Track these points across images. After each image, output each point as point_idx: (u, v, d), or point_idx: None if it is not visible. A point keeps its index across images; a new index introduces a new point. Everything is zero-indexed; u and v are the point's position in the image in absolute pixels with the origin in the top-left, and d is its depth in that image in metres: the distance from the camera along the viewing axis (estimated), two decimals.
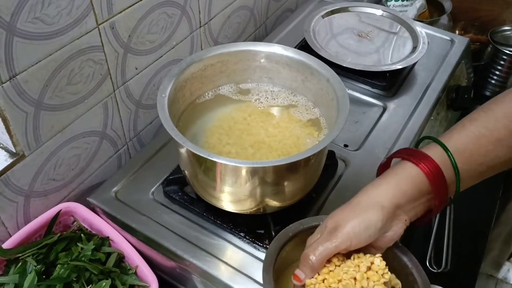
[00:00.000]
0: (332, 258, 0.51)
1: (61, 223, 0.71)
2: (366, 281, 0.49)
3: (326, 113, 0.69)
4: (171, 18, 0.79)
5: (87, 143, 0.74)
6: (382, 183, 0.52)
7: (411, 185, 0.50)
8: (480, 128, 0.51)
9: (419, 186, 0.50)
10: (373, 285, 0.48)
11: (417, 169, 0.51)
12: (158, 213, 0.70)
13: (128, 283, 0.67)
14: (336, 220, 0.50)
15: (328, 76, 0.66)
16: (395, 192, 0.50)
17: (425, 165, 0.50)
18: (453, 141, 0.51)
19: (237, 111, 0.71)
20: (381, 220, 0.49)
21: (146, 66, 0.79)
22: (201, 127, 0.69)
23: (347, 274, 0.49)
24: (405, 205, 0.51)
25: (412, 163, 0.51)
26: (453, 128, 0.54)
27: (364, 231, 0.49)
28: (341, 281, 0.49)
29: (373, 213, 0.49)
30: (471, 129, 0.52)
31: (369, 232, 0.49)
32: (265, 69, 0.73)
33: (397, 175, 0.52)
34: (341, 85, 0.64)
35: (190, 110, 0.70)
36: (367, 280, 0.49)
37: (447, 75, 0.97)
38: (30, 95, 0.60)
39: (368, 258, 0.50)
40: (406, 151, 0.54)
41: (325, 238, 0.50)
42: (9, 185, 0.63)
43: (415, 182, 0.50)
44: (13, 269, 0.64)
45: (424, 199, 0.52)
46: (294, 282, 0.52)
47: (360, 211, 0.50)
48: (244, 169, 0.57)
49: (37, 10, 0.56)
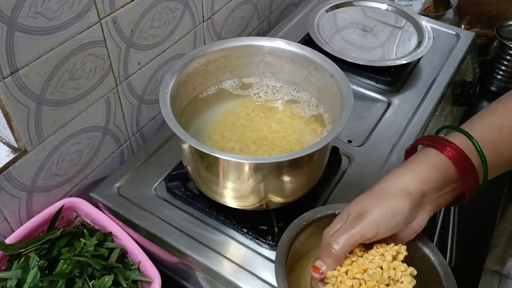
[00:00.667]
0: (354, 249, 0.48)
1: (63, 219, 0.71)
2: (393, 271, 0.46)
3: (330, 109, 0.68)
4: (173, 13, 0.78)
5: (89, 139, 0.73)
6: (407, 171, 0.49)
7: (437, 173, 0.48)
8: (501, 120, 0.50)
9: (445, 173, 0.48)
10: (401, 275, 0.46)
11: (442, 156, 0.48)
12: (161, 208, 0.70)
13: (131, 278, 0.67)
14: (361, 207, 0.48)
15: (332, 71, 0.65)
16: (422, 179, 0.48)
17: (451, 151, 0.48)
18: (476, 130, 0.49)
19: (240, 106, 0.71)
20: (408, 208, 0.46)
21: (148, 61, 0.78)
22: (204, 123, 0.68)
23: (373, 263, 0.46)
24: (431, 194, 0.49)
25: (437, 149, 0.49)
26: (472, 119, 0.52)
27: (392, 218, 0.46)
28: (367, 270, 0.46)
29: (400, 199, 0.47)
30: (492, 119, 0.50)
31: (397, 219, 0.46)
32: (269, 64, 0.72)
33: (422, 162, 0.49)
34: (345, 81, 0.63)
35: (192, 105, 0.70)
36: (394, 270, 0.46)
37: (453, 70, 0.96)
38: (32, 90, 0.60)
39: (393, 247, 0.47)
40: (429, 138, 0.52)
41: (349, 225, 0.47)
42: (11, 180, 0.63)
43: (442, 169, 0.48)
44: (16, 264, 0.64)
45: (450, 188, 0.49)
46: (314, 274, 0.48)
47: (387, 198, 0.47)
48: (247, 165, 0.57)
49: (38, 4, 0.56)
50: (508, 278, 1.36)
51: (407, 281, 0.46)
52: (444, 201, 0.50)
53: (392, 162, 0.77)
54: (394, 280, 0.46)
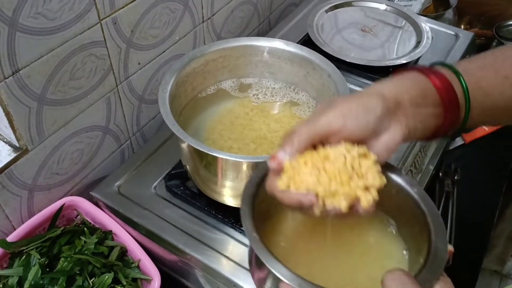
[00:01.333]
0: (318, 148, 0.42)
1: (64, 217, 0.72)
2: (357, 162, 0.40)
3: None
4: (173, 13, 0.79)
5: (90, 138, 0.74)
6: (385, 81, 0.46)
7: (417, 88, 0.44)
8: (487, 63, 0.47)
9: (425, 91, 0.44)
10: (366, 170, 0.40)
11: (426, 79, 0.45)
12: (160, 207, 0.71)
13: (131, 276, 0.68)
14: (329, 102, 0.43)
15: (329, 71, 0.66)
16: (399, 88, 0.44)
17: (436, 78, 0.45)
18: (461, 66, 0.47)
19: (238, 105, 0.71)
20: (381, 107, 0.42)
21: (149, 61, 0.79)
22: (203, 122, 0.69)
23: (335, 152, 0.40)
24: (407, 107, 0.44)
25: (421, 73, 0.46)
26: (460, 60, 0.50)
27: (362, 113, 0.42)
28: (328, 158, 0.40)
29: (373, 98, 0.43)
30: (478, 61, 0.47)
31: (368, 117, 0.41)
32: (267, 64, 0.73)
33: (403, 77, 0.46)
34: (343, 80, 0.64)
35: (192, 105, 0.71)
36: (359, 164, 0.40)
37: None
38: (33, 90, 0.61)
39: (361, 147, 0.41)
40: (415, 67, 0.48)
41: (315, 115, 0.42)
42: (12, 179, 0.64)
43: (422, 86, 0.45)
44: (17, 262, 0.65)
45: (428, 110, 0.45)
46: (270, 164, 0.42)
47: (359, 96, 0.43)
48: (245, 164, 0.58)
49: (39, 5, 0.56)
50: (509, 278, 1.36)
51: (373, 175, 0.40)
52: (420, 123, 0.45)
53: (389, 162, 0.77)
54: (359, 175, 0.40)
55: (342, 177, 0.40)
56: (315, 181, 0.39)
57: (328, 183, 0.39)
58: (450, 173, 0.93)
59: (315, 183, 0.39)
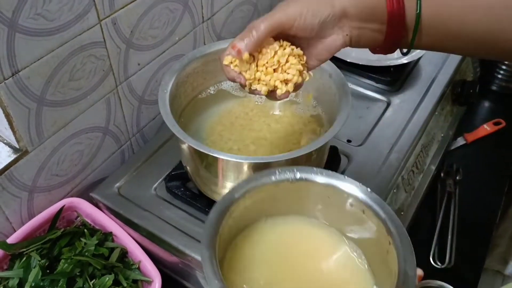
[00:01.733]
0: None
1: (64, 218, 0.72)
2: (284, 59, 0.50)
3: (328, 109, 0.69)
4: (173, 13, 0.79)
5: (90, 139, 0.74)
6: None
7: (368, 2, 0.48)
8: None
9: (374, 6, 0.48)
10: (290, 65, 0.50)
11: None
12: (161, 208, 0.71)
13: (131, 278, 0.68)
14: (284, 4, 0.49)
15: (330, 71, 0.66)
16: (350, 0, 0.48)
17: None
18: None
19: (239, 106, 0.71)
20: (327, 13, 0.48)
21: (148, 62, 0.79)
22: (203, 123, 0.69)
23: (270, 48, 0.50)
24: (353, 19, 0.49)
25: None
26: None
27: (311, 17, 0.48)
28: (261, 52, 0.50)
29: (322, 4, 0.48)
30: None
31: (313, 20, 0.48)
32: None
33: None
34: (343, 81, 0.64)
35: (192, 105, 0.70)
36: (287, 61, 0.50)
37: (453, 69, 0.96)
38: (33, 91, 0.60)
39: (297, 49, 0.51)
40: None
41: (269, 14, 0.49)
42: (12, 180, 0.64)
43: (374, 3, 0.48)
44: (17, 263, 0.65)
45: (374, 25, 0.49)
46: (230, 51, 0.50)
47: (310, 1, 0.48)
48: (245, 165, 0.57)
49: (39, 6, 0.56)
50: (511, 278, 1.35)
51: (293, 72, 0.50)
52: (363, 35, 0.50)
53: (391, 162, 0.77)
54: (283, 69, 0.50)
55: (268, 69, 0.50)
56: (246, 67, 0.51)
57: (255, 71, 0.51)
58: (452, 173, 0.92)
59: (246, 68, 0.51)
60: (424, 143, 0.85)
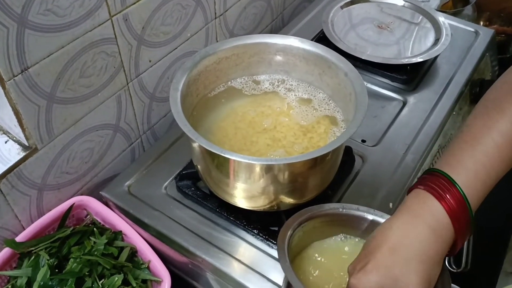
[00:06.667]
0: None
1: (74, 217, 0.71)
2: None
3: (344, 108, 0.67)
4: (185, 9, 0.77)
5: (100, 136, 0.73)
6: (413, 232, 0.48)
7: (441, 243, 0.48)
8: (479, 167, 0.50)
9: (447, 241, 0.48)
10: None
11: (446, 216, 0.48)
12: (171, 208, 0.70)
13: (141, 278, 0.67)
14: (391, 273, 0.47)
15: (346, 70, 0.64)
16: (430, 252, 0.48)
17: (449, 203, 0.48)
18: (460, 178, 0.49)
19: (251, 105, 0.69)
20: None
21: (160, 59, 0.78)
22: (214, 121, 0.67)
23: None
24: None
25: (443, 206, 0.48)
26: (456, 151, 0.51)
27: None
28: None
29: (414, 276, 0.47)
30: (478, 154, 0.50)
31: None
32: (281, 62, 0.71)
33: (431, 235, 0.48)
34: (360, 80, 0.62)
35: (203, 103, 0.69)
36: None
37: (471, 68, 0.93)
38: (42, 88, 0.60)
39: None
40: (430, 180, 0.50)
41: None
42: (22, 178, 0.63)
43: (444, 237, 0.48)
44: (26, 262, 0.64)
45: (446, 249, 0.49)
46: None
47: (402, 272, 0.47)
48: (258, 166, 0.56)
49: (49, 1, 0.55)
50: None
51: None
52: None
53: (407, 163, 0.75)
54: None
55: None
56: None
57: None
58: None
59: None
60: (441, 144, 0.83)
